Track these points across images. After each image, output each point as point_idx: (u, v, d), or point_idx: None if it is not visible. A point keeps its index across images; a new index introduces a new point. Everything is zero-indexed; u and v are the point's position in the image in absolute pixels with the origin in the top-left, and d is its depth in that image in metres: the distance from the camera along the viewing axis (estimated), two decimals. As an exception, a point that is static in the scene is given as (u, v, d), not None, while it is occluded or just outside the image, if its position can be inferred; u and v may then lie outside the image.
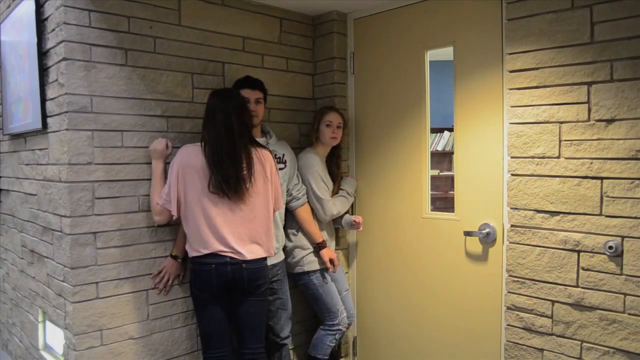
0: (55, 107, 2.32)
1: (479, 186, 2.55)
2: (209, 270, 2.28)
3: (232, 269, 2.30)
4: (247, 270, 2.33)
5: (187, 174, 2.27)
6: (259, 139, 2.62)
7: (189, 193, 2.28)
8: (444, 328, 2.74)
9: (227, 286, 2.33)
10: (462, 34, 2.60)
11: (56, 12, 2.26)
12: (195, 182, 2.27)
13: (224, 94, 2.39)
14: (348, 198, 2.98)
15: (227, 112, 2.30)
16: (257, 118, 2.60)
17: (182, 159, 2.30)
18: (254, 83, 2.61)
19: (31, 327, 2.83)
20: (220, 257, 2.29)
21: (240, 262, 2.31)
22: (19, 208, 2.93)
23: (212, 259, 2.28)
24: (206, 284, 2.31)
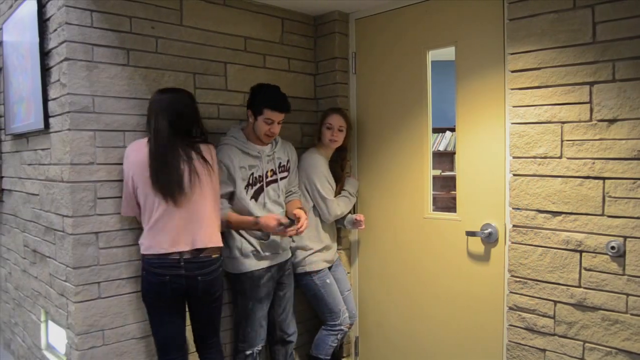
0: (58, 107, 2.32)
1: (481, 186, 2.54)
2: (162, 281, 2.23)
3: (187, 280, 2.25)
4: (198, 281, 2.27)
5: (133, 171, 2.24)
6: (264, 147, 2.60)
7: (139, 189, 2.24)
8: (446, 328, 2.73)
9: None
10: (463, 34, 2.60)
11: (58, 12, 2.26)
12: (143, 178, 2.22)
13: (160, 92, 2.32)
14: (350, 198, 2.98)
15: (158, 113, 2.25)
16: (271, 138, 2.57)
17: (127, 156, 2.28)
18: (287, 107, 2.52)
19: (33, 326, 2.83)
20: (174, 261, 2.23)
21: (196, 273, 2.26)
22: (21, 208, 2.93)
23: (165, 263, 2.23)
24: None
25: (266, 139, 2.56)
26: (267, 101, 2.47)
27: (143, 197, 2.23)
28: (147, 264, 2.24)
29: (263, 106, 2.47)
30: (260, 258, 2.57)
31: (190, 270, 2.24)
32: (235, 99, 2.77)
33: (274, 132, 2.53)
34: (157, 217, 2.21)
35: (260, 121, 2.49)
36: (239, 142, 2.54)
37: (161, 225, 2.21)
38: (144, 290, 2.28)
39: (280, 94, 2.53)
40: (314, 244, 2.85)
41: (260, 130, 2.51)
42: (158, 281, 2.21)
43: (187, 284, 2.24)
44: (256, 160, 2.56)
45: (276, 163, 2.65)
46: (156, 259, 2.21)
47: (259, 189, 2.58)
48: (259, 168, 2.57)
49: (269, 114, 2.47)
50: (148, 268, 2.23)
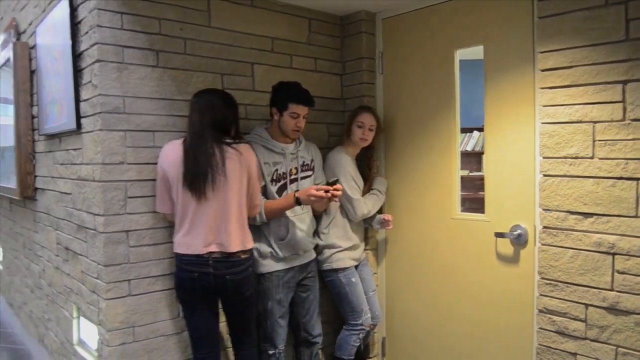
0: (89, 108, 2.37)
1: (510, 187, 2.51)
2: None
3: (215, 279, 2.28)
4: (226, 280, 2.30)
5: (168, 170, 2.29)
6: (288, 145, 2.63)
7: (173, 188, 2.29)
8: (475, 330, 2.71)
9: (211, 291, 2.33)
10: (492, 32, 2.57)
11: (89, 15, 2.30)
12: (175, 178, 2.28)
13: (200, 92, 2.38)
14: (379, 197, 2.97)
15: (196, 112, 2.31)
16: (299, 133, 2.61)
17: (162, 155, 2.34)
18: (311, 101, 2.57)
19: (66, 322, 2.89)
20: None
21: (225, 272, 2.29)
22: (54, 206, 3.00)
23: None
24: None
25: (294, 134, 2.59)
26: (292, 96, 2.53)
27: (176, 196, 2.27)
28: (178, 260, 2.30)
29: (288, 101, 2.52)
30: (278, 260, 2.59)
31: (218, 270, 2.27)
32: (262, 99, 2.78)
33: (301, 126, 2.57)
34: (188, 217, 2.26)
35: (286, 116, 2.53)
36: (262, 140, 2.57)
37: (192, 224, 2.26)
38: (176, 286, 2.35)
39: (302, 88, 2.58)
40: (341, 242, 2.85)
41: (287, 126, 2.55)
42: (188, 277, 2.26)
43: (216, 283, 2.28)
44: (280, 157, 2.59)
45: (299, 161, 2.66)
46: (186, 257, 2.26)
47: (283, 186, 2.60)
48: (283, 165, 2.60)
49: (294, 108, 2.52)
50: (179, 264, 2.30)
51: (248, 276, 2.39)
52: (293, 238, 2.59)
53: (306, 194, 2.39)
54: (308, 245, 2.70)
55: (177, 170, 2.25)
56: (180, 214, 2.28)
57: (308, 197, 2.39)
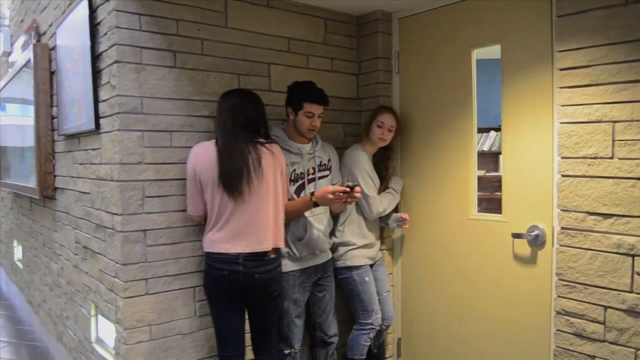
0: (108, 108, 2.39)
1: (528, 187, 2.49)
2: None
3: (244, 277, 2.30)
4: (255, 278, 2.32)
5: (200, 171, 2.30)
6: (305, 145, 2.64)
7: (207, 189, 2.31)
8: (491, 331, 2.69)
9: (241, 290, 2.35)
10: (510, 31, 2.55)
11: (108, 16, 2.33)
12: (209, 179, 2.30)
13: (229, 93, 2.41)
14: (395, 196, 2.97)
15: (227, 112, 2.34)
16: (314, 132, 2.62)
17: (193, 156, 2.34)
18: (325, 100, 2.58)
19: (84, 320, 2.93)
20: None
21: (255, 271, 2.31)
22: (73, 206, 3.03)
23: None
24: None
25: (309, 134, 2.60)
26: (306, 95, 2.54)
27: (210, 196, 2.29)
28: (209, 258, 2.33)
29: (303, 100, 2.53)
30: (295, 260, 2.60)
31: (248, 268, 2.29)
32: (278, 99, 2.79)
33: (316, 125, 2.58)
34: (224, 216, 2.29)
35: (302, 116, 2.55)
36: (280, 141, 2.58)
37: (227, 224, 2.29)
38: (205, 283, 2.37)
39: (317, 87, 2.59)
40: (356, 239, 2.85)
41: (303, 125, 2.56)
42: (218, 275, 2.29)
43: (245, 281, 2.30)
44: (297, 157, 2.60)
45: (316, 161, 2.67)
46: (217, 255, 2.29)
47: (301, 186, 2.61)
48: (300, 165, 2.61)
49: (309, 107, 2.53)
50: (209, 262, 2.32)
51: (276, 276, 2.41)
52: (311, 238, 2.59)
53: (323, 195, 2.40)
54: (325, 246, 2.70)
55: (212, 171, 2.27)
56: (215, 214, 2.30)
57: (325, 198, 2.39)
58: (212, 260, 2.31)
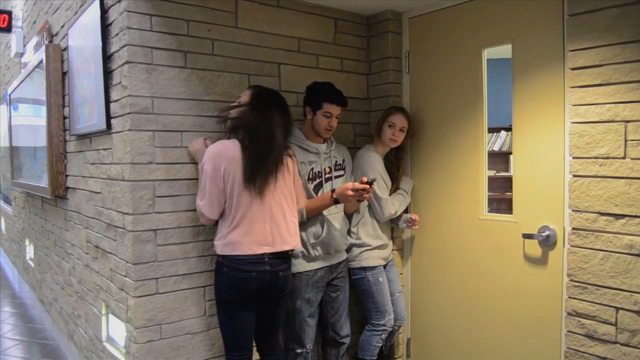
0: (119, 108, 2.41)
1: (539, 187, 2.47)
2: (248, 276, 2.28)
3: (270, 276, 2.31)
4: (279, 276, 2.34)
5: (226, 168, 2.25)
6: (321, 145, 2.66)
7: (233, 188, 2.27)
8: (501, 332, 2.67)
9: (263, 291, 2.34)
10: (521, 30, 2.53)
11: (120, 17, 2.34)
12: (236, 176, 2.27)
13: (259, 93, 2.37)
14: (406, 197, 2.96)
15: (260, 110, 2.32)
16: (331, 132, 2.63)
17: (219, 157, 2.26)
18: (345, 101, 2.59)
19: (95, 319, 2.94)
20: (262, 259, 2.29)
21: (279, 269, 2.33)
22: (84, 205, 3.06)
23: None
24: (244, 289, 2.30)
25: (326, 134, 2.62)
26: (326, 95, 2.56)
27: (232, 196, 2.26)
28: (231, 261, 2.26)
29: (322, 101, 2.55)
30: (309, 260, 2.60)
31: (273, 266, 2.30)
32: (288, 99, 2.76)
33: (333, 125, 2.60)
34: (247, 217, 2.26)
35: (320, 116, 2.56)
36: (297, 140, 2.60)
37: (250, 225, 2.26)
38: (224, 287, 2.29)
39: (336, 88, 2.61)
40: (371, 240, 2.85)
41: (320, 125, 2.58)
42: (243, 277, 2.25)
43: (270, 279, 2.30)
44: (315, 156, 2.62)
45: (332, 161, 2.69)
46: (242, 257, 2.25)
47: (319, 184, 2.63)
48: (318, 164, 2.63)
49: (327, 107, 2.55)
50: (232, 265, 2.26)
51: (290, 274, 2.44)
52: (328, 236, 2.60)
53: (343, 192, 2.40)
54: (341, 245, 2.71)
55: (238, 169, 2.24)
56: (239, 215, 2.26)
57: (344, 195, 2.40)
58: (236, 262, 2.25)
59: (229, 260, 2.26)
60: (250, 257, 2.25)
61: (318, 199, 2.56)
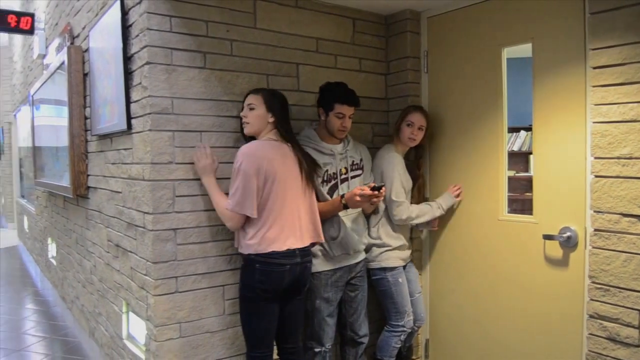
0: (139, 109, 2.43)
1: (560, 188, 2.44)
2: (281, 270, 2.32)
3: (301, 268, 2.38)
4: (307, 268, 2.43)
5: (266, 169, 2.29)
6: (337, 146, 2.67)
7: (276, 189, 2.32)
8: (521, 335, 2.65)
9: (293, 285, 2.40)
10: (541, 29, 2.50)
11: (140, 18, 2.37)
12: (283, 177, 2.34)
13: (281, 94, 2.48)
14: (434, 210, 2.88)
15: (278, 109, 2.42)
16: (345, 133, 2.63)
17: (259, 157, 2.29)
18: (357, 101, 2.60)
19: (116, 317, 2.98)
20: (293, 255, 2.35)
21: (306, 260, 2.41)
22: (105, 204, 3.09)
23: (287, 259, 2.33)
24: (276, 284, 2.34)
25: (340, 134, 2.61)
26: (337, 96, 2.56)
27: (270, 194, 2.30)
28: (265, 256, 2.29)
29: (334, 101, 2.55)
30: (328, 259, 2.60)
31: (302, 257, 2.38)
32: (306, 99, 2.80)
33: (346, 126, 2.59)
34: (282, 215, 2.32)
35: (332, 116, 2.56)
36: (312, 142, 2.60)
37: (283, 221, 2.33)
38: (256, 282, 2.30)
39: (348, 88, 2.60)
40: (391, 240, 2.84)
41: (333, 126, 2.57)
42: (277, 270, 2.31)
43: (300, 272, 2.37)
44: (329, 157, 2.61)
45: (349, 161, 2.67)
46: (278, 252, 2.30)
47: (334, 186, 2.62)
48: (333, 165, 2.62)
49: (339, 108, 2.54)
50: (264, 260, 2.29)
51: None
52: (345, 237, 2.60)
53: (351, 197, 2.40)
54: (359, 246, 2.70)
55: (278, 166, 2.31)
56: (271, 213, 2.31)
57: (353, 200, 2.40)
58: (270, 257, 2.29)
59: (264, 256, 2.29)
60: (285, 251, 2.31)
61: (328, 203, 2.56)
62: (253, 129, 2.40)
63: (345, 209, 2.49)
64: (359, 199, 2.36)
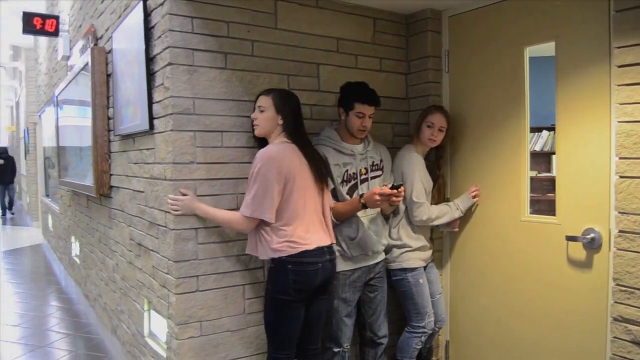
0: (161, 109, 2.45)
1: (583, 188, 2.41)
2: (314, 269, 2.33)
3: (330, 265, 2.40)
4: (335, 265, 2.46)
5: (287, 171, 2.28)
6: (357, 146, 2.66)
7: (290, 196, 2.31)
8: (543, 337, 2.61)
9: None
10: (565, 28, 2.47)
11: (162, 20, 2.39)
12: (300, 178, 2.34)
13: (293, 95, 2.46)
14: (453, 210, 2.87)
15: (289, 110, 2.40)
16: (365, 132, 2.63)
17: (280, 160, 2.27)
18: (377, 101, 2.59)
19: (137, 315, 3.01)
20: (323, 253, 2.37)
21: (333, 257, 2.44)
22: (127, 204, 3.13)
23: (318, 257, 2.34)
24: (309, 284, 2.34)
25: (359, 134, 2.61)
26: (357, 95, 2.55)
27: (292, 196, 2.30)
28: (297, 257, 2.28)
29: (353, 101, 2.54)
30: (346, 259, 2.60)
31: (330, 255, 2.40)
32: (327, 99, 2.80)
33: (366, 125, 2.58)
34: (305, 215, 2.34)
35: (352, 116, 2.56)
36: (332, 142, 2.59)
37: (308, 221, 2.35)
38: (290, 283, 2.28)
39: (369, 88, 2.59)
40: (411, 241, 2.83)
41: (353, 125, 2.57)
42: (311, 269, 2.31)
43: (330, 269, 2.40)
44: (350, 158, 2.61)
45: (369, 162, 2.67)
46: (309, 252, 2.31)
47: (354, 186, 2.62)
48: (353, 165, 2.61)
49: (359, 107, 2.54)
50: (296, 261, 2.28)
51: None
52: (363, 238, 2.59)
53: (370, 197, 2.39)
54: (378, 247, 2.69)
55: (297, 169, 2.31)
56: (296, 214, 2.31)
57: (372, 200, 2.39)
58: (302, 257, 2.28)
59: (295, 256, 2.28)
60: (316, 250, 2.32)
61: (347, 203, 2.55)
62: (263, 131, 2.40)
63: (364, 208, 2.48)
64: (379, 197, 2.35)
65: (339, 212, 2.53)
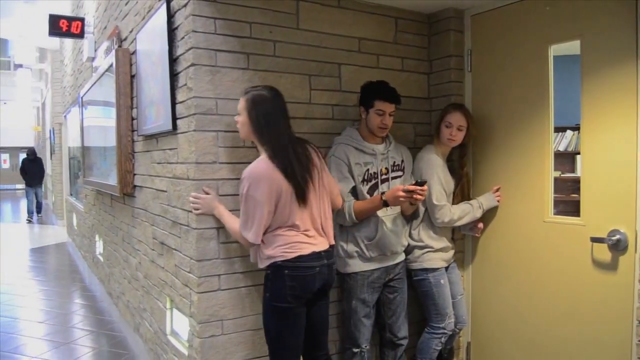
0: (184, 109, 2.48)
1: (608, 189, 2.37)
2: (312, 274, 2.26)
3: (328, 269, 2.33)
4: (333, 269, 2.38)
5: (276, 188, 2.19)
6: (378, 146, 2.64)
7: (282, 208, 2.22)
8: (566, 340, 2.58)
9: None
10: (590, 26, 2.43)
11: (185, 21, 2.41)
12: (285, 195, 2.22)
13: (265, 97, 2.25)
14: (474, 209, 2.84)
15: (276, 114, 2.25)
16: (385, 130, 2.61)
17: (268, 179, 2.17)
18: (397, 98, 2.57)
19: (160, 313, 3.04)
20: (319, 257, 2.28)
21: (332, 262, 2.35)
22: (151, 203, 3.16)
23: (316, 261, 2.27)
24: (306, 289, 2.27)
25: (380, 132, 2.60)
26: (377, 93, 2.55)
27: (285, 209, 2.21)
28: (293, 261, 2.22)
29: (373, 99, 2.55)
30: (365, 260, 2.60)
31: (328, 259, 2.33)
32: (349, 99, 2.80)
33: (386, 123, 2.57)
34: (301, 221, 2.25)
35: (372, 114, 2.56)
36: (354, 141, 2.59)
37: (303, 226, 2.26)
38: (286, 290, 2.21)
39: (388, 86, 2.59)
40: (433, 242, 2.82)
41: (373, 123, 2.57)
42: (308, 274, 2.24)
43: (328, 273, 2.32)
44: (371, 157, 2.61)
45: (390, 162, 2.66)
46: (306, 256, 2.23)
47: (374, 186, 2.61)
48: (374, 165, 2.61)
49: (379, 105, 2.54)
50: (293, 265, 2.21)
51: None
52: (382, 238, 2.59)
53: (393, 195, 2.38)
54: (397, 247, 2.68)
55: (282, 183, 2.18)
56: (289, 222, 2.23)
57: (395, 198, 2.38)
58: (299, 262, 2.21)
59: (291, 261, 2.21)
60: (311, 255, 2.25)
61: (367, 201, 2.54)
62: (243, 136, 2.32)
63: (385, 206, 2.47)
64: (402, 193, 2.34)
65: (359, 210, 2.52)
